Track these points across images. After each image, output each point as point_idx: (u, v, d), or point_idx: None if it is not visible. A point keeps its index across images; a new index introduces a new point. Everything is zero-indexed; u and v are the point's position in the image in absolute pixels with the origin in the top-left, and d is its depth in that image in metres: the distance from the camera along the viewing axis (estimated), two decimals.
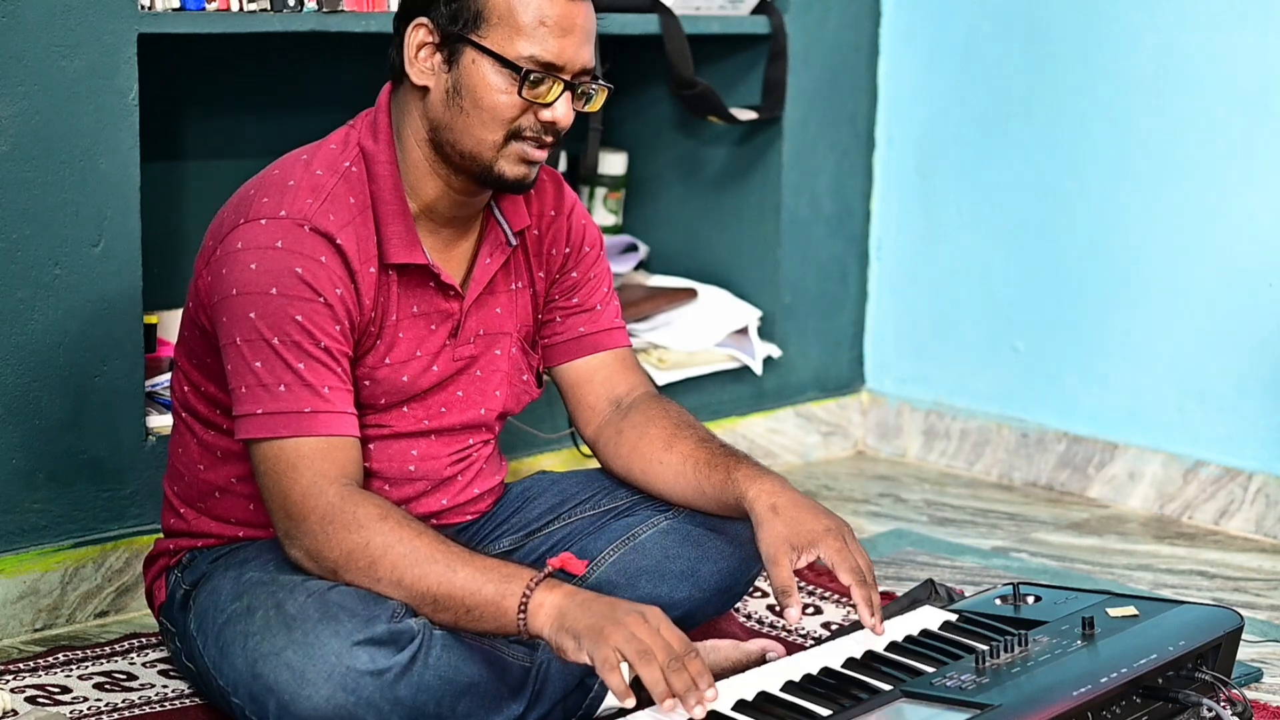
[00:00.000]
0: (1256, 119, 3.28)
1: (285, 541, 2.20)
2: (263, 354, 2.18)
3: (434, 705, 2.14)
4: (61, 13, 2.61)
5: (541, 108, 2.22)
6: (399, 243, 2.26)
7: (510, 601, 2.08)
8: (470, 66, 2.21)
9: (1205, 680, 2.22)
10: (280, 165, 2.28)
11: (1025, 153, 3.59)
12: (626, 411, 2.45)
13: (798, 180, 3.65)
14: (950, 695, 2.07)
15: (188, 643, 2.30)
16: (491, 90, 2.21)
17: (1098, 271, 3.51)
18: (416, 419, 2.34)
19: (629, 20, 3.35)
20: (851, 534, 2.26)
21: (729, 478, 2.33)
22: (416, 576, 2.12)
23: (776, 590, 2.20)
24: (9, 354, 2.61)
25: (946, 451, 3.74)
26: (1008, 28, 3.59)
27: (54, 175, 2.63)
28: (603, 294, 2.49)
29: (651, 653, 2.00)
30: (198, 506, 2.38)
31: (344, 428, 2.20)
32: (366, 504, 2.16)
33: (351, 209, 2.24)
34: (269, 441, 2.18)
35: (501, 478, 2.51)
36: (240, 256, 2.19)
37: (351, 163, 2.27)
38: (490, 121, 2.22)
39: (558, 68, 2.20)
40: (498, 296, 2.39)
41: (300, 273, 2.18)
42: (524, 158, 2.24)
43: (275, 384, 2.18)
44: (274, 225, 2.20)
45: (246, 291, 2.18)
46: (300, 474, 2.17)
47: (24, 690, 2.44)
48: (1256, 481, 3.33)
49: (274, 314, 2.17)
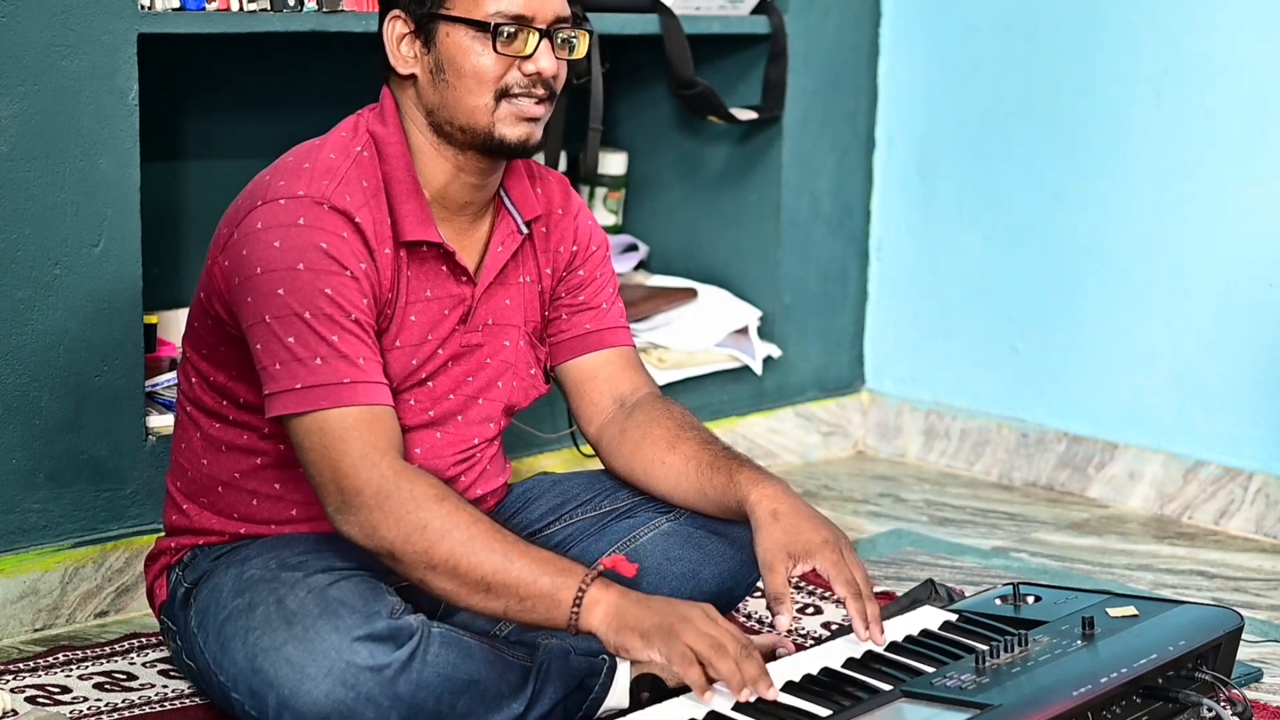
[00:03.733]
0: (1256, 119, 3.28)
1: (337, 518, 2.16)
2: (295, 329, 2.17)
3: (433, 702, 2.14)
4: (61, 13, 2.61)
5: (523, 60, 2.24)
6: (413, 220, 2.27)
7: (565, 594, 2.09)
8: (446, 40, 2.24)
9: (1205, 680, 2.22)
10: (293, 153, 2.30)
11: (1025, 153, 3.59)
12: (630, 411, 2.45)
13: (798, 180, 3.65)
14: (950, 695, 2.07)
15: (188, 640, 2.30)
16: (469, 55, 2.23)
17: (1098, 271, 3.51)
18: (422, 409, 2.34)
19: (629, 20, 3.35)
20: (849, 546, 2.26)
21: (731, 480, 2.33)
22: (473, 564, 2.11)
23: (770, 597, 2.22)
24: (9, 354, 2.61)
25: (946, 451, 3.74)
26: (1008, 28, 3.59)
27: (54, 175, 2.63)
28: (608, 294, 2.49)
29: (724, 646, 2.03)
30: (200, 501, 2.38)
31: (383, 397, 2.19)
32: (422, 483, 2.14)
33: (365, 191, 2.25)
34: (311, 415, 2.16)
35: (505, 480, 2.51)
36: (262, 236, 2.20)
37: (363, 147, 2.28)
38: (476, 86, 2.24)
39: (528, 18, 2.23)
40: (508, 288, 2.40)
41: (325, 247, 2.19)
42: (520, 115, 2.26)
43: (311, 357, 2.16)
44: (294, 204, 2.21)
45: (272, 268, 2.18)
46: (349, 445, 2.15)
47: (24, 690, 2.44)
48: (1256, 481, 3.33)
49: (303, 288, 2.17)
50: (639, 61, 3.61)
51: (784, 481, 2.33)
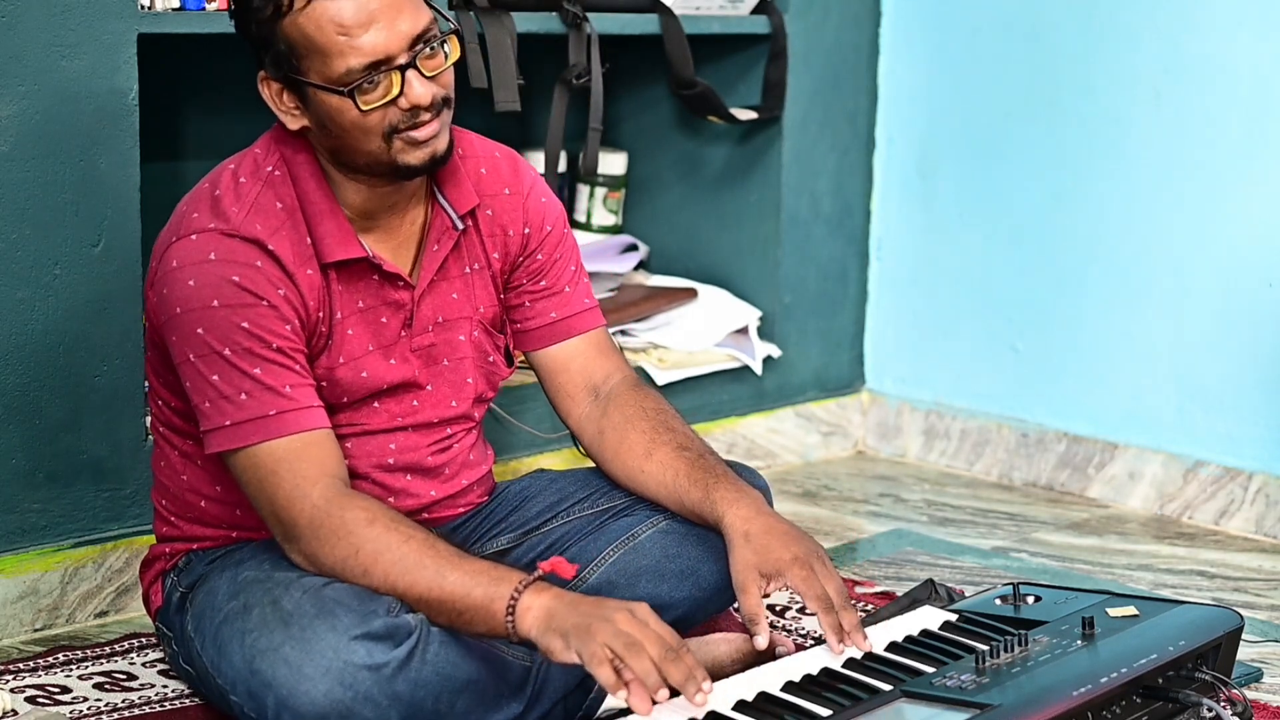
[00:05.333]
0: (1256, 119, 3.28)
1: (284, 545, 2.21)
2: (217, 366, 2.18)
3: (432, 701, 2.14)
4: (61, 13, 2.61)
5: (398, 98, 2.19)
6: (333, 240, 2.26)
7: (498, 605, 2.08)
8: (315, 100, 2.21)
9: (1205, 680, 2.22)
10: (209, 178, 2.29)
11: (1025, 153, 3.59)
12: (605, 408, 2.44)
13: (798, 180, 3.65)
14: (950, 695, 2.06)
15: (185, 644, 2.30)
16: (342, 114, 2.19)
17: (1098, 271, 3.51)
18: (390, 415, 2.35)
19: (629, 20, 3.35)
20: (822, 559, 2.25)
21: (707, 498, 2.33)
22: (409, 583, 2.13)
23: (745, 619, 2.21)
24: (9, 354, 2.61)
25: (946, 451, 3.74)
26: (1008, 28, 3.59)
27: (54, 175, 2.63)
28: (570, 274, 2.47)
29: (640, 645, 1.99)
30: (187, 516, 2.39)
31: (312, 421, 2.20)
32: (353, 508, 2.16)
33: (280, 214, 2.24)
34: (241, 451, 2.19)
35: (488, 467, 2.50)
36: (177, 275, 2.21)
37: (274, 167, 2.27)
38: (361, 136, 2.20)
39: (382, 61, 2.17)
40: (451, 282, 2.38)
41: (238, 280, 2.19)
42: (414, 141, 2.22)
43: (235, 393, 2.18)
44: (204, 239, 2.21)
45: (190, 308, 2.19)
46: (281, 479, 2.17)
47: (24, 690, 2.44)
48: (1256, 481, 3.33)
49: (220, 325, 2.18)
50: (639, 61, 3.60)
51: (758, 496, 2.32)
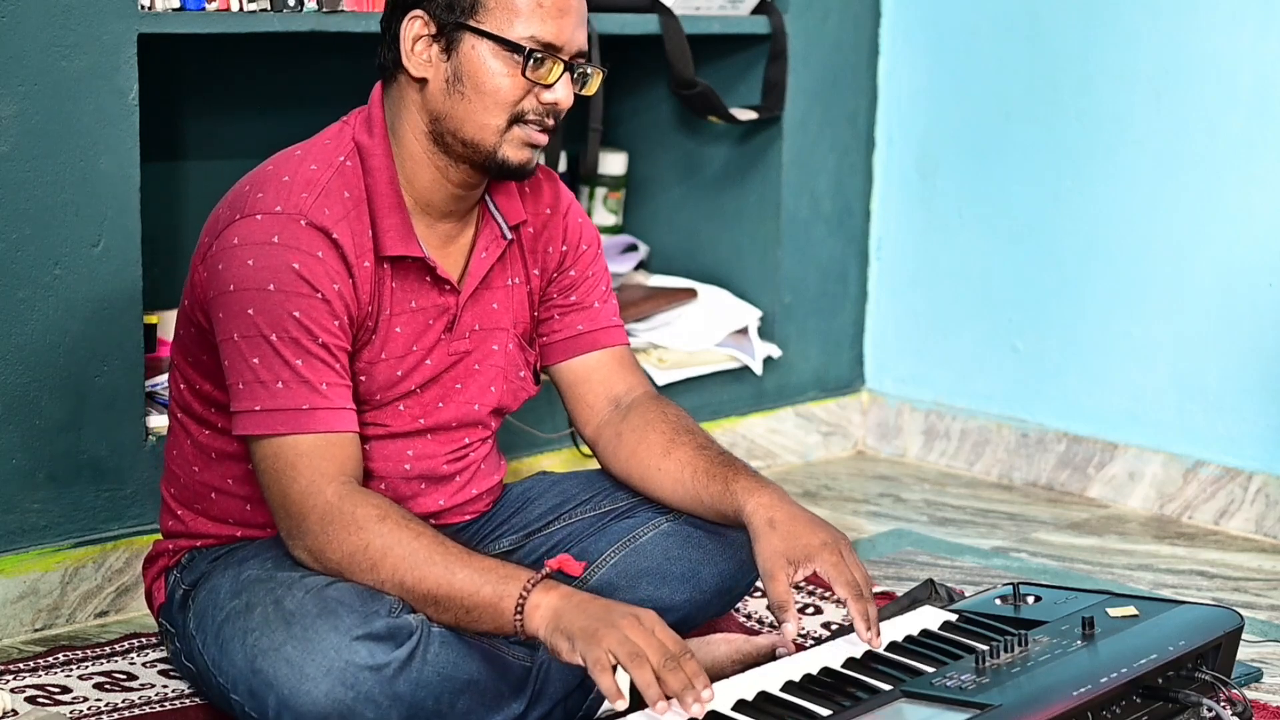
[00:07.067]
0: (1256, 119, 3.28)
1: (289, 540, 2.20)
2: (260, 350, 2.18)
3: (433, 701, 2.14)
4: (61, 13, 2.61)
5: (543, 89, 2.23)
6: (395, 235, 2.26)
7: (507, 603, 2.08)
8: (470, 53, 2.22)
9: (1205, 680, 2.22)
10: (274, 161, 2.29)
11: (1025, 153, 3.59)
12: (625, 413, 2.45)
13: (798, 180, 3.65)
14: (950, 695, 2.07)
15: (187, 642, 2.30)
16: (493, 74, 2.22)
17: (1098, 271, 3.51)
18: (413, 417, 2.35)
19: (629, 20, 3.35)
20: (849, 547, 2.26)
21: (727, 489, 2.33)
22: (417, 578, 2.13)
23: (774, 605, 2.20)
24: (9, 354, 2.61)
25: (946, 451, 3.74)
26: (1008, 28, 3.59)
27: (54, 175, 2.63)
28: (601, 292, 2.49)
29: (643, 654, 1.99)
30: (194, 508, 2.38)
31: (342, 424, 2.20)
32: (365, 504, 2.16)
33: (346, 203, 2.24)
34: (267, 439, 2.19)
35: (500, 478, 2.51)
36: (237, 252, 2.20)
37: (346, 156, 2.27)
38: (493, 106, 2.23)
39: (557, 48, 2.22)
40: (494, 291, 2.39)
41: (297, 268, 2.18)
42: (527, 141, 2.25)
43: (273, 380, 2.18)
44: (270, 220, 2.20)
45: (244, 288, 2.18)
46: (299, 472, 2.17)
47: (24, 690, 2.44)
48: (1256, 481, 3.33)
49: (272, 310, 2.18)
50: (639, 61, 3.61)
51: (779, 487, 2.33)
